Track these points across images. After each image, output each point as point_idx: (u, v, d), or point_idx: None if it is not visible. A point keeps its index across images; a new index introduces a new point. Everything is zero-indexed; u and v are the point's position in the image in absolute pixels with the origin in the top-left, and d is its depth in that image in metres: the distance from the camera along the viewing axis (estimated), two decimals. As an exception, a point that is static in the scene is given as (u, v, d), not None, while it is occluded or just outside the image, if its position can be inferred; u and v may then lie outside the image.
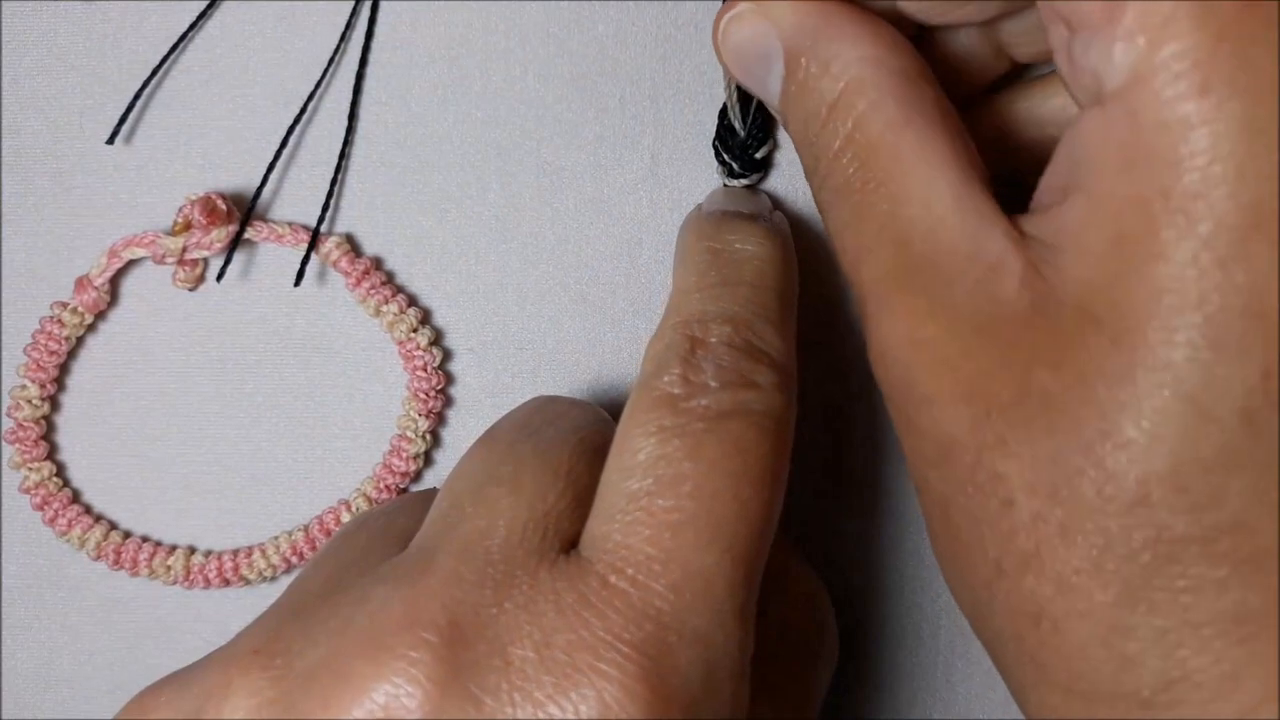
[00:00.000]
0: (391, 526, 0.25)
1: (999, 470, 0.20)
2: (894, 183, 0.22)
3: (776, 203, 0.29)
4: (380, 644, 0.20)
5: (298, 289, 0.29)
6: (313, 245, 0.29)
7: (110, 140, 0.29)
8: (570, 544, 0.22)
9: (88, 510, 0.30)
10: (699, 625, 0.21)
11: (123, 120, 0.29)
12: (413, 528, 0.24)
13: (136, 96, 0.29)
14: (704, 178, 0.29)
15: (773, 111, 0.25)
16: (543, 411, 0.25)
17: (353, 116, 0.29)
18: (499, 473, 0.23)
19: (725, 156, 0.29)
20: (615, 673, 0.20)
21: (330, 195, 0.29)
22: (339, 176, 0.29)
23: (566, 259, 0.30)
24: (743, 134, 0.28)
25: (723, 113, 0.29)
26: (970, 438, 0.20)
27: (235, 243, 0.29)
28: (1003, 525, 0.20)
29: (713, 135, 0.29)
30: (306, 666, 0.21)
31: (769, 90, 0.24)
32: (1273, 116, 0.18)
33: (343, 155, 0.29)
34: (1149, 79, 0.19)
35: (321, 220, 0.29)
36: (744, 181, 0.29)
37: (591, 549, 0.21)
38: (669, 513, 0.21)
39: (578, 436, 0.24)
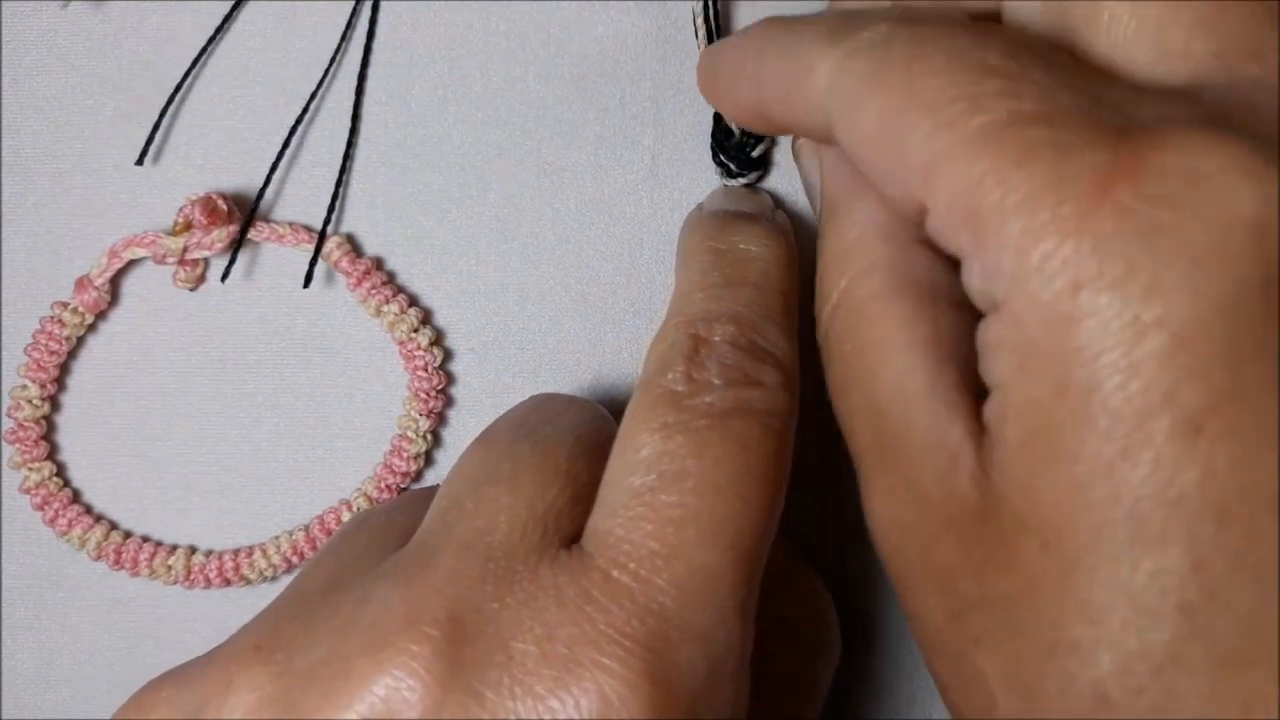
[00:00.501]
0: (392, 525, 0.25)
1: (979, 667, 0.20)
2: (873, 356, 0.22)
3: (777, 202, 0.29)
4: (382, 640, 0.20)
5: (300, 289, 0.29)
6: (320, 246, 0.29)
7: (139, 161, 0.29)
8: (571, 541, 0.22)
9: (88, 510, 0.30)
10: (701, 622, 0.21)
11: (149, 141, 0.29)
12: (413, 526, 0.24)
13: (162, 114, 0.29)
14: (704, 178, 0.30)
15: None
16: (541, 410, 0.25)
17: (355, 117, 0.29)
18: (498, 471, 0.23)
19: (722, 157, 0.29)
20: (617, 667, 0.20)
21: (335, 196, 0.29)
22: (344, 177, 0.29)
23: (567, 259, 0.30)
24: (738, 134, 0.29)
25: (718, 114, 0.29)
26: (952, 631, 0.21)
27: (239, 243, 0.29)
28: (992, 716, 0.20)
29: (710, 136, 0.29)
30: (308, 663, 0.21)
31: (816, 213, 0.25)
32: (1147, 303, 0.17)
33: (347, 156, 0.29)
34: (1025, 284, 0.18)
35: (328, 221, 0.29)
36: (742, 181, 0.29)
37: (594, 544, 0.21)
38: (672, 509, 0.21)
39: (576, 434, 0.24)
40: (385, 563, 0.22)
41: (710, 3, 0.28)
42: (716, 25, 0.29)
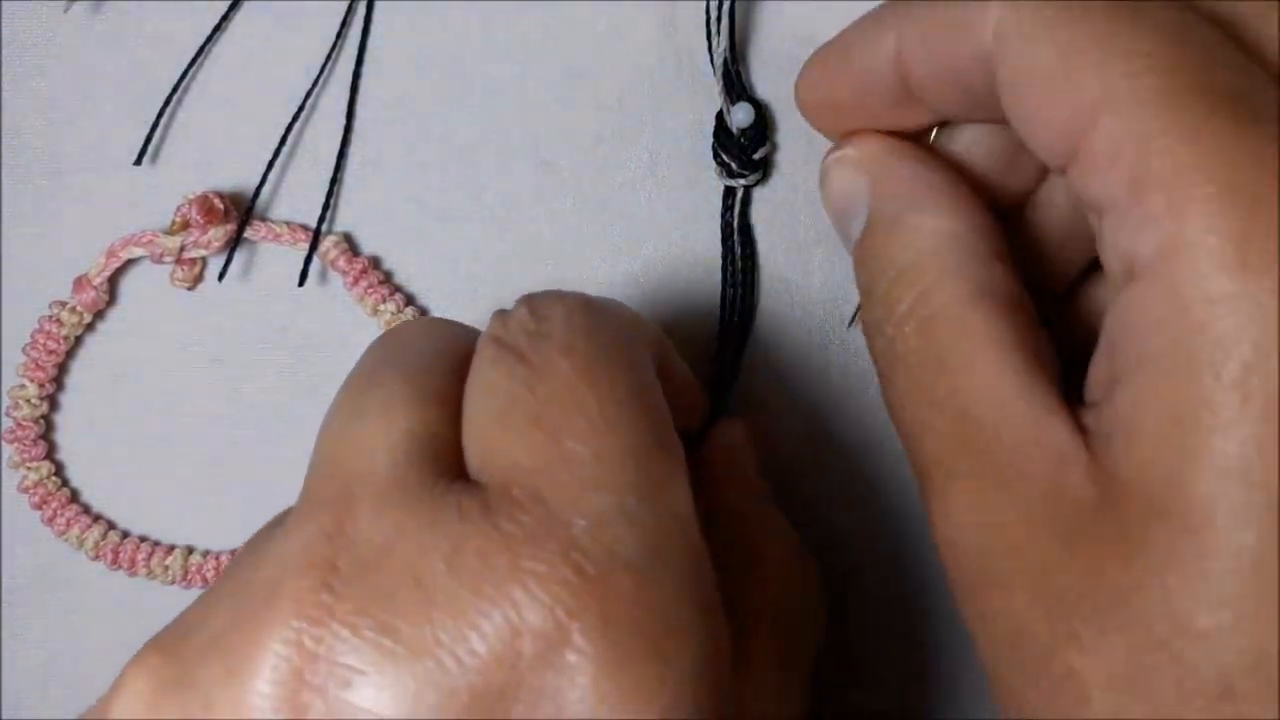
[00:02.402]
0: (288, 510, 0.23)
1: (1073, 665, 0.20)
2: (957, 360, 0.21)
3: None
4: (276, 593, 0.19)
5: (297, 288, 0.29)
6: (314, 245, 0.29)
7: (137, 161, 0.29)
8: (455, 457, 0.21)
9: (86, 510, 0.30)
10: (613, 504, 0.19)
11: (147, 141, 0.29)
12: None
13: (160, 114, 0.29)
14: (703, 178, 0.29)
15: (848, 252, 0.25)
16: (398, 337, 0.24)
17: (350, 115, 0.29)
18: (366, 404, 0.21)
19: (723, 156, 0.29)
20: (542, 568, 0.19)
21: (329, 195, 0.29)
22: (338, 176, 0.29)
23: (565, 258, 0.30)
24: (738, 134, 0.28)
25: (720, 114, 0.29)
26: (1043, 629, 0.20)
27: (236, 242, 0.29)
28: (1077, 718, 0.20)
29: (711, 135, 0.29)
30: (206, 638, 0.20)
31: (849, 235, 0.25)
32: None
33: (341, 155, 0.29)
34: (1185, 254, 0.18)
35: (322, 220, 0.29)
36: (742, 182, 0.29)
37: (485, 471, 0.20)
38: (528, 421, 0.20)
39: (443, 356, 0.22)
40: (277, 528, 0.21)
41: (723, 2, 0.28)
42: (732, 23, 0.28)
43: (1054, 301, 0.25)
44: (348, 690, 0.18)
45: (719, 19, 0.28)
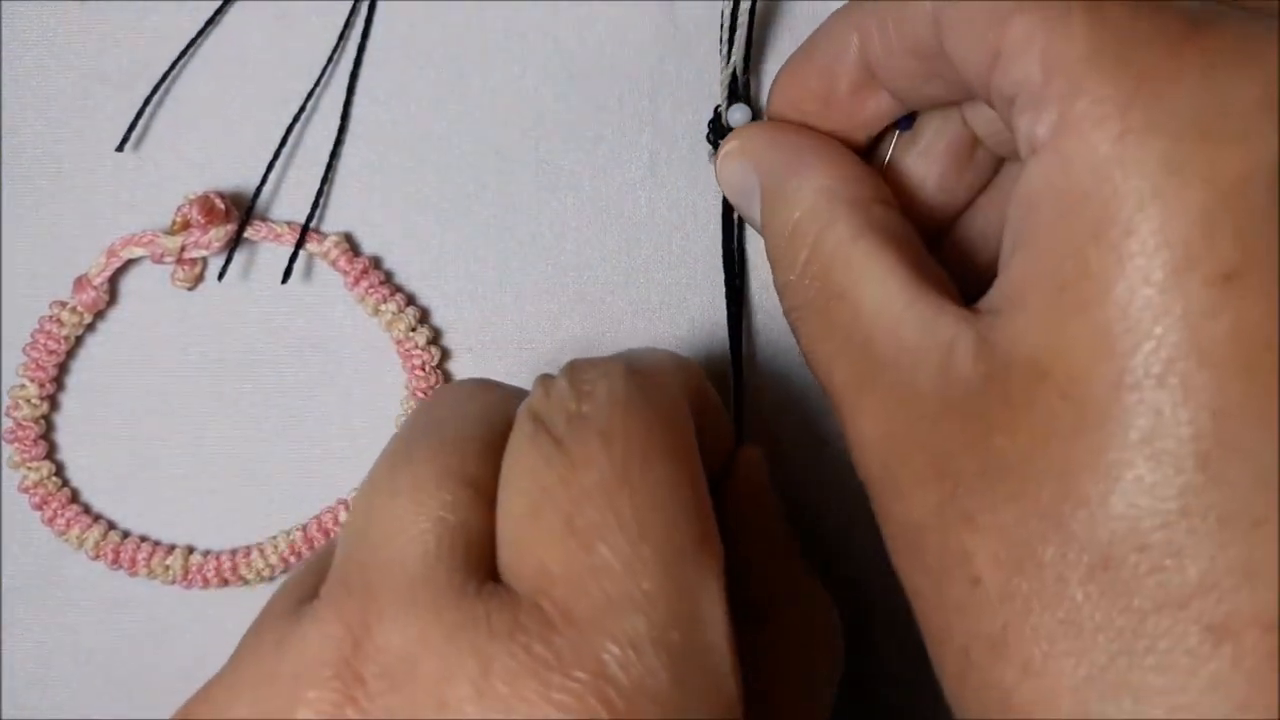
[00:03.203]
0: (315, 567, 0.23)
1: (966, 548, 0.20)
2: (850, 292, 0.22)
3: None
4: (299, 698, 0.19)
5: (297, 288, 0.30)
6: (300, 243, 0.29)
7: (120, 148, 0.29)
8: (487, 550, 0.21)
9: (86, 509, 0.30)
10: (645, 628, 0.19)
11: (131, 128, 0.29)
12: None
13: (145, 104, 0.29)
14: (703, 177, 0.29)
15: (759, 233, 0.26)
16: (438, 405, 0.23)
17: (345, 115, 0.29)
18: (399, 481, 0.21)
19: (717, 140, 0.29)
20: (572, 701, 0.18)
21: (320, 194, 0.29)
22: (329, 175, 0.29)
23: (565, 258, 0.30)
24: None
25: (717, 110, 0.29)
26: (937, 519, 0.20)
27: (236, 242, 0.29)
28: (970, 608, 0.20)
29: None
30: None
31: (754, 218, 0.26)
32: (1193, 153, 0.18)
33: (334, 154, 0.29)
34: (1075, 124, 0.19)
35: (310, 219, 0.29)
36: None
37: (515, 576, 0.20)
38: (560, 521, 0.20)
39: (481, 425, 0.22)
40: (306, 606, 0.20)
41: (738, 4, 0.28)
42: (751, 23, 0.28)
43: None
44: None
45: (733, 27, 0.28)
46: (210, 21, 0.29)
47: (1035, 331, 0.19)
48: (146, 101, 0.29)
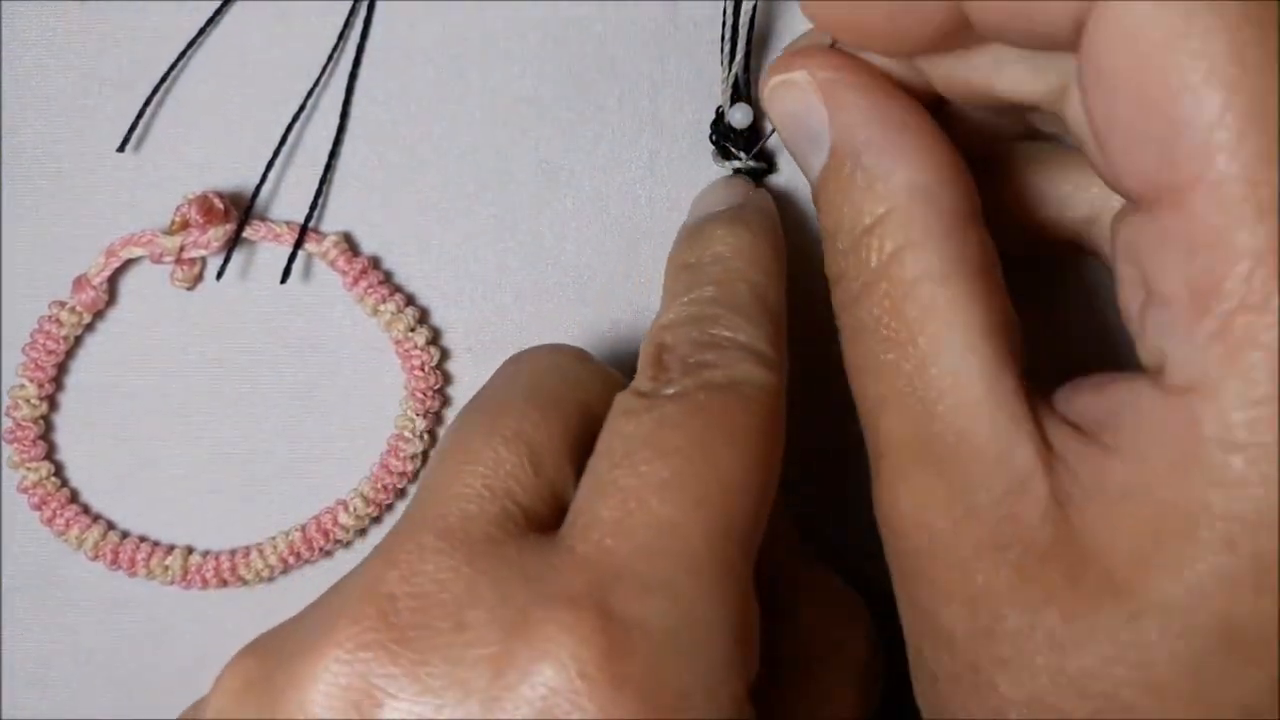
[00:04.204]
0: None
1: (996, 682, 0.20)
2: (923, 343, 0.21)
3: (782, 200, 0.29)
4: (337, 614, 0.21)
5: (296, 288, 0.29)
6: (299, 243, 0.29)
7: (121, 148, 0.29)
8: (537, 512, 0.22)
9: (86, 510, 0.30)
10: (664, 576, 0.20)
11: (133, 128, 0.29)
12: None
13: (146, 103, 0.29)
14: (703, 177, 0.29)
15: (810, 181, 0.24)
16: (502, 372, 0.25)
17: (345, 115, 0.29)
18: (449, 445, 0.23)
19: (721, 141, 0.29)
20: (568, 619, 0.20)
21: (318, 194, 0.29)
22: (328, 175, 0.29)
23: (565, 258, 0.30)
24: (732, 128, 0.28)
25: (719, 110, 0.29)
26: (971, 643, 0.20)
27: (235, 241, 0.29)
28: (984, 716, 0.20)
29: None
30: (287, 645, 0.21)
31: (810, 168, 0.23)
32: None
33: (333, 154, 0.29)
34: (1219, 394, 0.18)
35: (309, 218, 0.29)
36: (736, 164, 0.29)
37: (566, 529, 0.21)
38: (633, 478, 0.21)
39: (525, 392, 0.23)
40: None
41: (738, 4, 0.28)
42: (752, 24, 0.28)
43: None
44: (379, 709, 0.20)
45: (734, 27, 0.28)
46: (210, 21, 0.29)
47: (1120, 548, 0.19)
48: (147, 102, 0.29)
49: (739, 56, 0.28)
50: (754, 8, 0.28)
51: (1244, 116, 0.17)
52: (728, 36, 0.28)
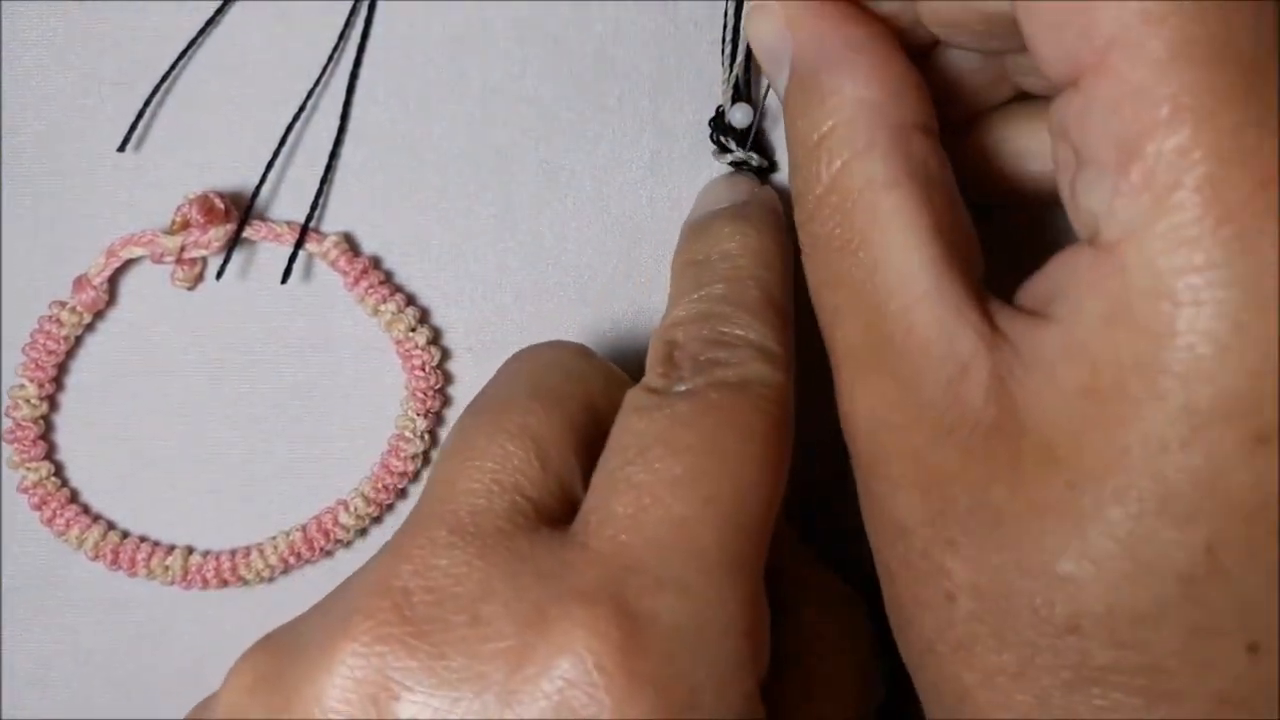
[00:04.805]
0: None
1: (945, 565, 0.21)
2: (871, 248, 0.21)
3: (781, 195, 0.29)
4: (351, 608, 0.21)
5: (296, 288, 0.29)
6: (300, 243, 0.29)
7: (121, 148, 0.29)
8: (546, 506, 0.22)
9: (86, 510, 0.30)
10: (676, 571, 0.20)
11: (132, 129, 0.29)
12: None
13: (146, 104, 0.29)
14: (704, 176, 0.29)
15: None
16: (505, 369, 0.25)
17: (345, 115, 0.29)
18: (455, 442, 0.23)
19: (721, 139, 0.29)
20: (583, 615, 0.20)
21: (319, 194, 0.29)
22: (329, 175, 0.29)
23: (565, 258, 0.30)
24: (728, 122, 0.29)
25: (720, 109, 0.29)
26: (922, 529, 0.21)
27: (235, 241, 0.29)
28: (941, 613, 0.21)
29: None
30: (302, 639, 0.21)
31: (779, 89, 0.24)
32: (1266, 309, 0.18)
33: (334, 154, 0.29)
34: (1146, 241, 0.18)
35: (310, 218, 0.29)
36: (733, 157, 0.29)
37: (578, 524, 0.22)
38: (646, 474, 0.21)
39: (528, 388, 0.24)
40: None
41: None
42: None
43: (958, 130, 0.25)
44: (396, 703, 0.20)
45: (734, 28, 0.28)
46: (210, 22, 0.29)
47: (1057, 418, 0.19)
48: (147, 102, 0.29)
49: (739, 56, 0.28)
50: None
51: None
52: (728, 37, 0.28)
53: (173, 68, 0.29)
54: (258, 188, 0.29)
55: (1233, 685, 0.19)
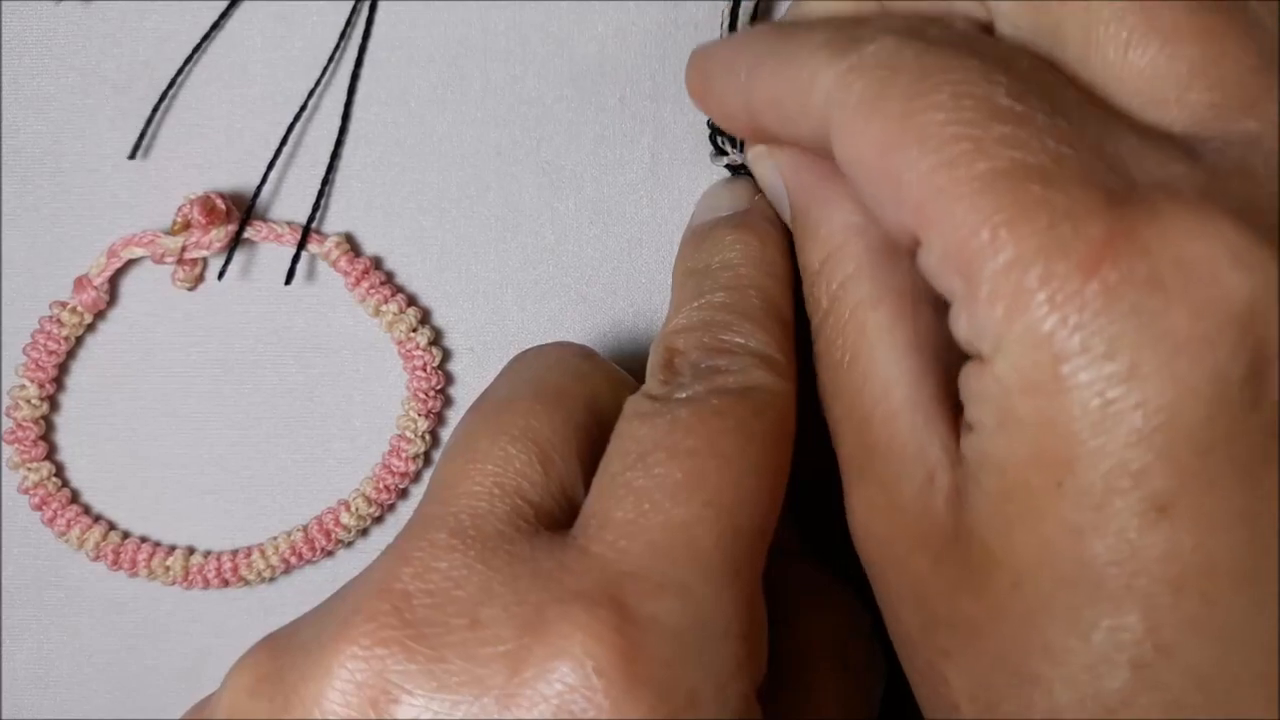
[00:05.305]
0: None
1: (945, 676, 0.21)
2: (860, 361, 0.22)
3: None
4: (354, 610, 0.21)
5: (297, 288, 0.30)
6: (302, 244, 0.29)
7: (132, 155, 0.29)
8: (547, 509, 0.22)
9: (86, 510, 0.30)
10: (675, 574, 0.20)
11: (142, 135, 0.29)
12: None
13: (155, 109, 0.29)
14: (704, 177, 0.29)
15: None
16: (508, 370, 0.25)
17: (346, 116, 0.29)
18: (457, 443, 0.23)
19: (719, 139, 0.29)
20: (583, 617, 0.20)
21: (320, 195, 0.29)
22: (330, 176, 0.29)
23: (566, 258, 0.30)
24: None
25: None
26: (920, 639, 0.22)
27: (236, 241, 0.29)
28: (951, 715, 0.21)
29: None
30: (300, 641, 0.21)
31: (789, 223, 0.25)
32: (1128, 380, 0.18)
33: (335, 155, 0.29)
34: (1008, 346, 0.19)
35: (311, 219, 0.29)
36: (729, 159, 0.29)
37: (578, 528, 0.22)
38: (646, 479, 0.21)
39: (531, 389, 0.24)
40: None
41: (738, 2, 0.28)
42: (752, 24, 0.28)
43: None
44: (395, 706, 0.20)
45: (734, 28, 0.28)
46: (215, 26, 0.29)
47: (992, 521, 0.20)
48: (155, 108, 0.29)
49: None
50: (754, 8, 0.28)
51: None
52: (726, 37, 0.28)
53: (179, 72, 0.29)
54: (259, 188, 0.29)
55: None
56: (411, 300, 0.30)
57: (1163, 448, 0.18)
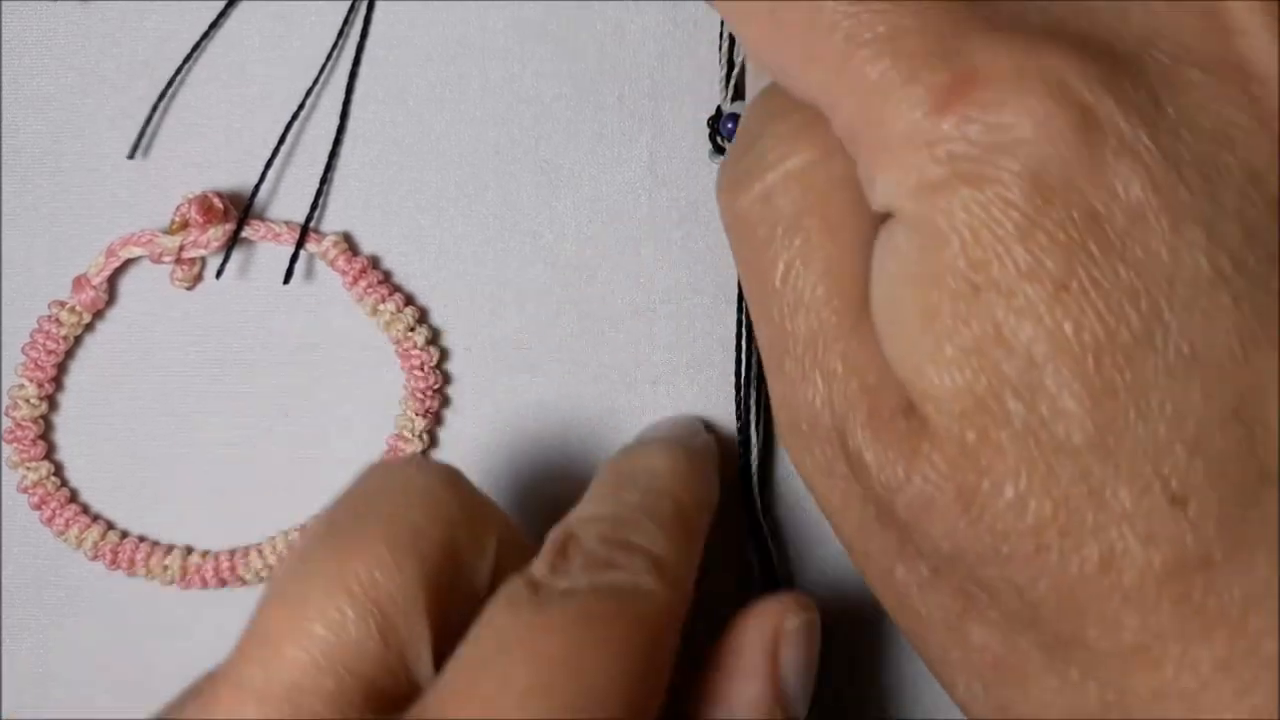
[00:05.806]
0: None
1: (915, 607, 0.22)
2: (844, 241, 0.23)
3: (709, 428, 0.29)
4: None
5: (295, 287, 0.30)
6: (300, 243, 0.29)
7: (131, 155, 0.29)
8: (380, 686, 0.20)
9: (85, 510, 0.30)
10: None
11: (141, 135, 0.29)
12: None
13: (154, 109, 0.29)
14: (703, 177, 0.29)
15: None
16: (362, 490, 0.23)
17: (344, 115, 0.29)
18: (288, 579, 0.21)
19: (719, 138, 0.29)
20: None
21: (319, 194, 0.29)
22: (328, 175, 0.29)
23: (564, 258, 0.30)
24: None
25: (719, 107, 0.29)
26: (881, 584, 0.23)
27: (234, 240, 0.29)
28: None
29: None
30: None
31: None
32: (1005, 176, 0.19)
33: (333, 154, 0.29)
34: (893, 195, 0.20)
35: (310, 219, 0.29)
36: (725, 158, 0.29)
37: (414, 710, 0.20)
38: (493, 684, 0.20)
39: (383, 531, 0.21)
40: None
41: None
42: None
43: None
44: None
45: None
46: (214, 25, 0.29)
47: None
48: (154, 108, 0.29)
49: (739, 57, 0.28)
50: None
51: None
52: (728, 36, 0.28)
53: (178, 72, 0.29)
54: (257, 187, 0.29)
55: None
56: (409, 299, 0.30)
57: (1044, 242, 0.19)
